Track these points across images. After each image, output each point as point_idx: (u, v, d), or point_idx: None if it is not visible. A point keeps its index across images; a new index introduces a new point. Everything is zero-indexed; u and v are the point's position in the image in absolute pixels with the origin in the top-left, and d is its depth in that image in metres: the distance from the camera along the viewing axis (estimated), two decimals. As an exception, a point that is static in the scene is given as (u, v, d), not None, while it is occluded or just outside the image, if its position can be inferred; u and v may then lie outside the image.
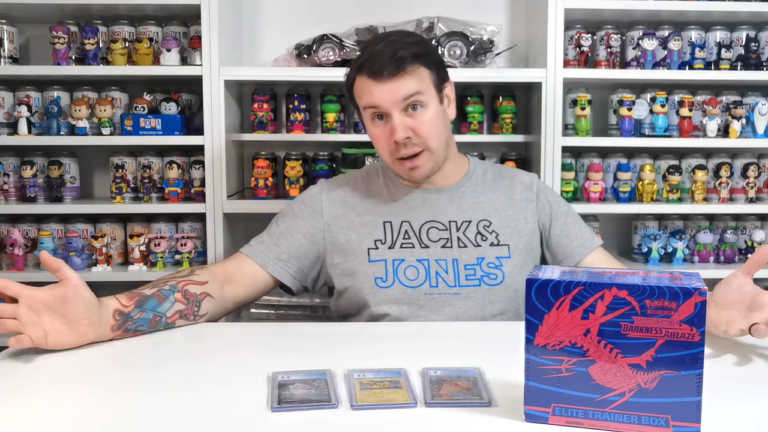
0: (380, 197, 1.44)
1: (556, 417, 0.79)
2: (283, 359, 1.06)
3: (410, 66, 1.31)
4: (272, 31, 2.40)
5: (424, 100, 1.32)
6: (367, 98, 1.33)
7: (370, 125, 1.37)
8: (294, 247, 1.40)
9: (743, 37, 2.27)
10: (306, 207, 1.44)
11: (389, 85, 1.30)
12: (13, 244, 2.16)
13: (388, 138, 1.33)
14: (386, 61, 1.29)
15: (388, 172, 1.46)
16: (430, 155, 1.35)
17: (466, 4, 2.36)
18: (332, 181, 1.50)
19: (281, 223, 1.43)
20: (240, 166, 2.36)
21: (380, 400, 0.86)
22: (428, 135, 1.33)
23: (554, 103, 2.12)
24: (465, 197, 1.43)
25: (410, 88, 1.30)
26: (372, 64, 1.30)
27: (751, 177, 2.26)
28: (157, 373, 1.00)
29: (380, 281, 1.36)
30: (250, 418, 0.83)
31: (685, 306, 0.74)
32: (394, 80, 1.30)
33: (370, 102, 1.32)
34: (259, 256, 1.38)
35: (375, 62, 1.30)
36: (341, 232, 1.40)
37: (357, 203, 1.43)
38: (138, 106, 2.18)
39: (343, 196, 1.44)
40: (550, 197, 1.48)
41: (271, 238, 1.41)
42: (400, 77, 1.30)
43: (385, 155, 1.37)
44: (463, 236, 1.39)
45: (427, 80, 1.33)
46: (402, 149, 1.33)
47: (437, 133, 1.35)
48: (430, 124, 1.33)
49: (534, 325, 0.78)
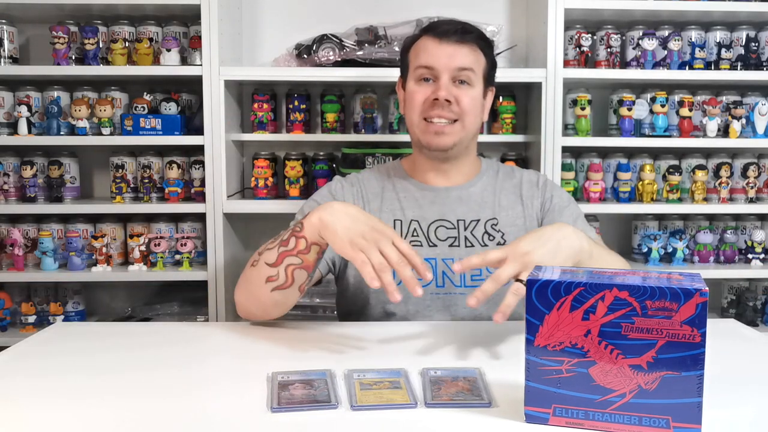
0: (391, 195, 1.45)
1: (556, 418, 0.79)
2: (283, 359, 1.06)
3: (473, 43, 1.39)
4: (272, 31, 2.40)
5: (473, 80, 1.38)
6: (424, 57, 1.38)
7: (412, 85, 1.40)
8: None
9: (743, 37, 2.27)
10: (330, 198, 1.43)
11: (451, 48, 1.37)
12: (13, 244, 2.16)
13: (428, 96, 1.37)
14: (456, 29, 1.38)
15: (399, 171, 1.48)
16: (461, 129, 1.38)
17: (466, 4, 2.36)
18: (348, 178, 1.51)
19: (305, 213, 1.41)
20: (240, 166, 2.36)
21: (380, 401, 0.86)
22: (467, 110, 1.37)
23: (554, 103, 2.12)
24: (474, 196, 1.44)
25: (468, 61, 1.37)
26: (440, 28, 1.39)
27: (751, 177, 2.26)
28: (158, 373, 1.00)
29: None
30: (250, 418, 0.83)
31: (685, 307, 0.74)
32: (457, 46, 1.37)
33: (427, 61, 1.37)
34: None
35: (445, 26, 1.39)
36: None
37: (371, 200, 1.45)
38: (138, 106, 2.18)
39: (359, 191, 1.46)
40: (554, 192, 1.48)
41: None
42: (463, 45, 1.37)
43: (415, 115, 1.39)
44: (470, 235, 1.40)
45: (481, 65, 1.41)
46: (438, 109, 1.36)
47: (473, 114, 1.40)
48: (472, 101, 1.38)
49: (534, 325, 0.78)
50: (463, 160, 1.44)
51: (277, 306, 1.22)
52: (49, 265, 2.16)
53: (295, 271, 1.15)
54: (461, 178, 1.45)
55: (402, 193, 1.44)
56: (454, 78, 1.37)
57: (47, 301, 2.27)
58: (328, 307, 2.11)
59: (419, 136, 1.40)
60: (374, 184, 1.47)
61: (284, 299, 1.21)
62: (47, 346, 1.14)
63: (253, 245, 2.43)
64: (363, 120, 2.28)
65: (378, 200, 1.44)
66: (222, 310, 2.12)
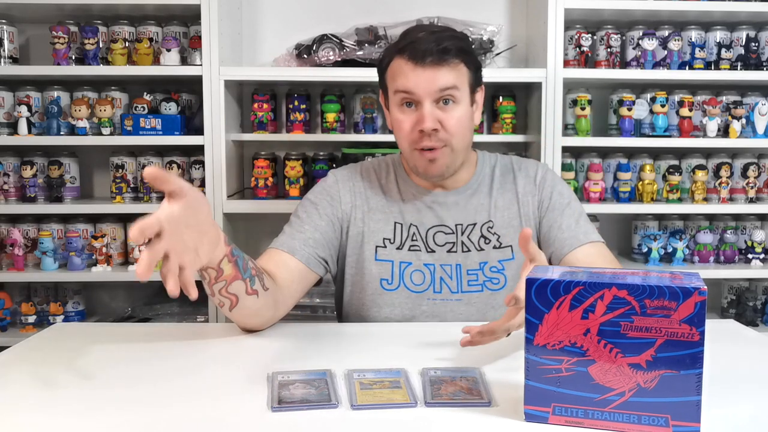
0: (391, 195, 1.42)
1: (556, 417, 0.79)
2: (283, 359, 1.06)
3: (453, 59, 1.28)
4: (272, 31, 2.40)
5: (457, 97, 1.30)
6: (402, 82, 1.29)
7: (396, 111, 1.33)
8: (319, 233, 1.35)
9: (743, 37, 2.27)
10: (325, 195, 1.40)
11: (429, 72, 1.27)
12: (13, 244, 2.16)
13: (413, 126, 1.30)
14: (431, 49, 1.26)
15: (399, 170, 1.44)
16: (451, 152, 1.32)
17: (466, 4, 2.37)
18: (344, 171, 1.46)
19: (301, 214, 1.38)
20: (240, 166, 2.36)
21: (380, 400, 0.86)
22: (454, 132, 1.30)
23: (554, 103, 2.12)
24: (471, 200, 1.41)
25: (448, 81, 1.28)
26: (415, 49, 1.27)
27: (751, 177, 2.26)
28: (158, 373, 1.00)
29: (386, 283, 1.35)
30: (250, 418, 0.83)
31: (684, 306, 0.74)
32: (435, 69, 1.27)
33: (405, 86, 1.29)
34: (286, 245, 1.32)
35: (419, 47, 1.27)
36: (355, 223, 1.39)
37: (370, 197, 1.41)
38: (138, 106, 2.18)
39: (357, 187, 1.42)
40: (554, 188, 1.43)
41: (291, 228, 1.36)
42: (441, 67, 1.27)
43: (405, 144, 1.33)
44: (467, 240, 1.38)
45: (464, 78, 1.31)
46: (426, 140, 1.29)
47: (462, 133, 1.32)
48: (458, 122, 1.30)
49: (534, 324, 0.78)
50: (460, 170, 1.39)
51: (255, 316, 1.19)
52: (49, 265, 2.16)
53: (229, 288, 1.10)
54: (458, 184, 1.42)
55: (401, 194, 1.42)
56: (438, 99, 1.28)
57: (47, 301, 2.27)
58: (328, 307, 2.12)
59: (413, 163, 1.35)
60: (374, 180, 1.44)
61: (251, 310, 1.16)
62: (47, 347, 1.14)
63: (253, 245, 2.43)
64: (363, 120, 2.28)
65: (378, 198, 1.41)
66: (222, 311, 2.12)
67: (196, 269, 0.99)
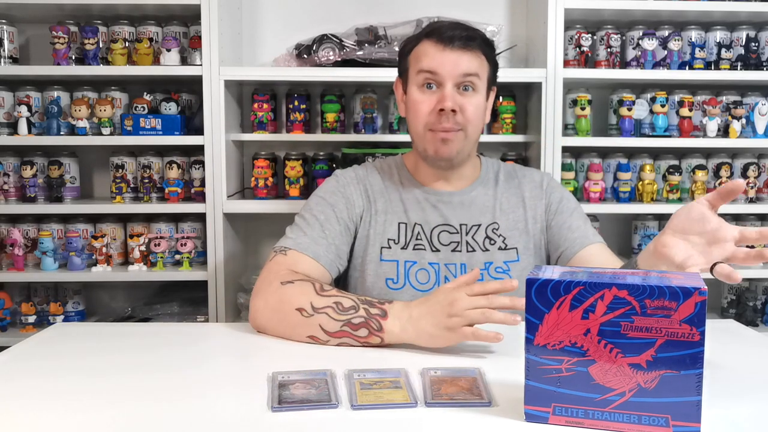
0: (396, 196, 1.43)
1: (556, 417, 0.79)
2: (283, 359, 1.06)
3: (477, 49, 1.34)
4: (272, 31, 2.40)
5: (477, 85, 1.35)
6: (427, 62, 1.34)
7: (415, 92, 1.36)
8: (339, 239, 1.36)
9: (743, 37, 2.27)
10: (340, 197, 1.40)
11: (455, 55, 1.32)
12: (13, 244, 2.16)
13: (432, 106, 1.34)
14: (459, 35, 1.33)
15: (402, 170, 1.46)
16: (464, 138, 1.36)
17: (466, 4, 2.37)
18: (351, 173, 1.47)
19: (319, 215, 1.37)
20: (240, 166, 2.36)
21: (380, 400, 0.86)
22: (471, 118, 1.35)
23: (554, 103, 2.12)
24: (476, 200, 1.42)
25: (471, 67, 1.33)
26: (443, 33, 1.33)
27: (751, 177, 2.26)
28: (158, 373, 1.00)
29: (391, 282, 1.36)
30: (250, 418, 0.83)
31: (684, 306, 0.74)
32: (461, 52, 1.33)
33: (430, 66, 1.33)
34: (311, 250, 1.32)
35: (449, 31, 1.33)
36: (363, 225, 1.40)
37: (376, 198, 1.43)
38: (138, 106, 2.18)
39: (364, 188, 1.43)
40: (560, 194, 1.46)
41: (313, 230, 1.35)
42: (466, 52, 1.33)
43: (420, 126, 1.36)
44: (472, 240, 1.39)
45: (485, 70, 1.37)
46: (444, 121, 1.33)
47: (477, 122, 1.37)
48: (476, 109, 1.35)
49: (534, 324, 0.78)
50: (465, 164, 1.42)
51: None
52: (49, 265, 2.16)
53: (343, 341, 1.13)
54: (463, 183, 1.44)
55: (406, 194, 1.43)
56: (459, 84, 1.33)
57: (47, 301, 2.27)
58: (328, 307, 2.11)
59: (425, 145, 1.37)
60: (378, 182, 1.45)
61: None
62: (47, 347, 1.14)
63: (253, 245, 2.43)
64: (363, 120, 2.28)
65: (383, 200, 1.42)
66: (222, 310, 2.12)
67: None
